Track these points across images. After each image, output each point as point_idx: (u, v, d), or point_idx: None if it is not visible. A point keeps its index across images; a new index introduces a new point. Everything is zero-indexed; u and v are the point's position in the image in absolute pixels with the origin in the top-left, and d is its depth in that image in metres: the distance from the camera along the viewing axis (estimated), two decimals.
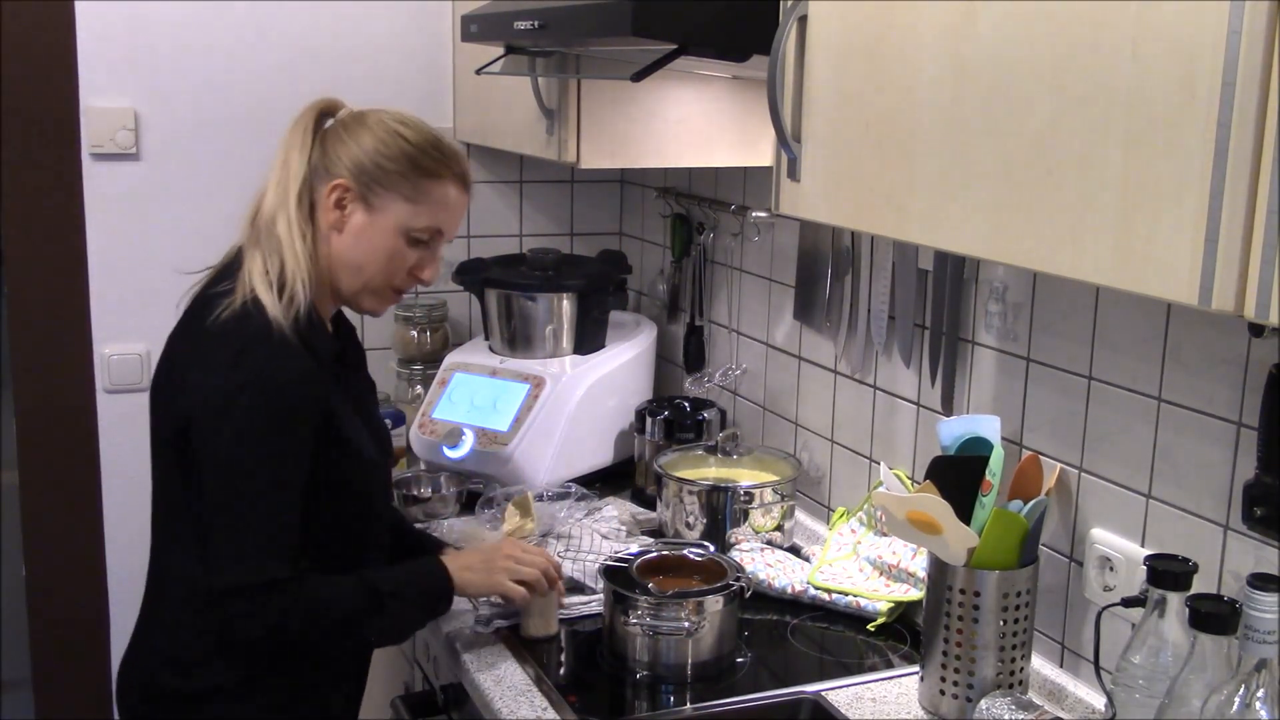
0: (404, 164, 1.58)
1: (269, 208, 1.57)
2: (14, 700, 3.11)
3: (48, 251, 2.42)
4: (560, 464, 2.28)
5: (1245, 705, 1.15)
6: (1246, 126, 0.91)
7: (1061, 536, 1.64)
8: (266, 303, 1.50)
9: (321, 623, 1.54)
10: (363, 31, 2.57)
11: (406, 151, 1.59)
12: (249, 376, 1.47)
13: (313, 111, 1.63)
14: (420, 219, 1.60)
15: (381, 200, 1.58)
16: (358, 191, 1.58)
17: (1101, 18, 1.04)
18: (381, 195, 1.58)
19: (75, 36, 2.37)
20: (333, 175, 1.58)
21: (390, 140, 1.59)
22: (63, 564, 2.50)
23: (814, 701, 1.64)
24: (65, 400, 2.46)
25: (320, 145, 1.60)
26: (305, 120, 1.62)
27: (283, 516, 1.48)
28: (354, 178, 1.58)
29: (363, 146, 1.58)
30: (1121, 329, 1.53)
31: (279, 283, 1.52)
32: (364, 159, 1.58)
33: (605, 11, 1.58)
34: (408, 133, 1.60)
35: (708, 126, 2.15)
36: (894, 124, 1.29)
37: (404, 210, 1.59)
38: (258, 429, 1.46)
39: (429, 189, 1.60)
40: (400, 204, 1.59)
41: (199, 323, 1.53)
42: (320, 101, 1.65)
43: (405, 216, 1.60)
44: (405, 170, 1.58)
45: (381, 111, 1.63)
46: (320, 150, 1.60)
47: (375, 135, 1.59)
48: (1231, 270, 0.94)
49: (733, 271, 2.40)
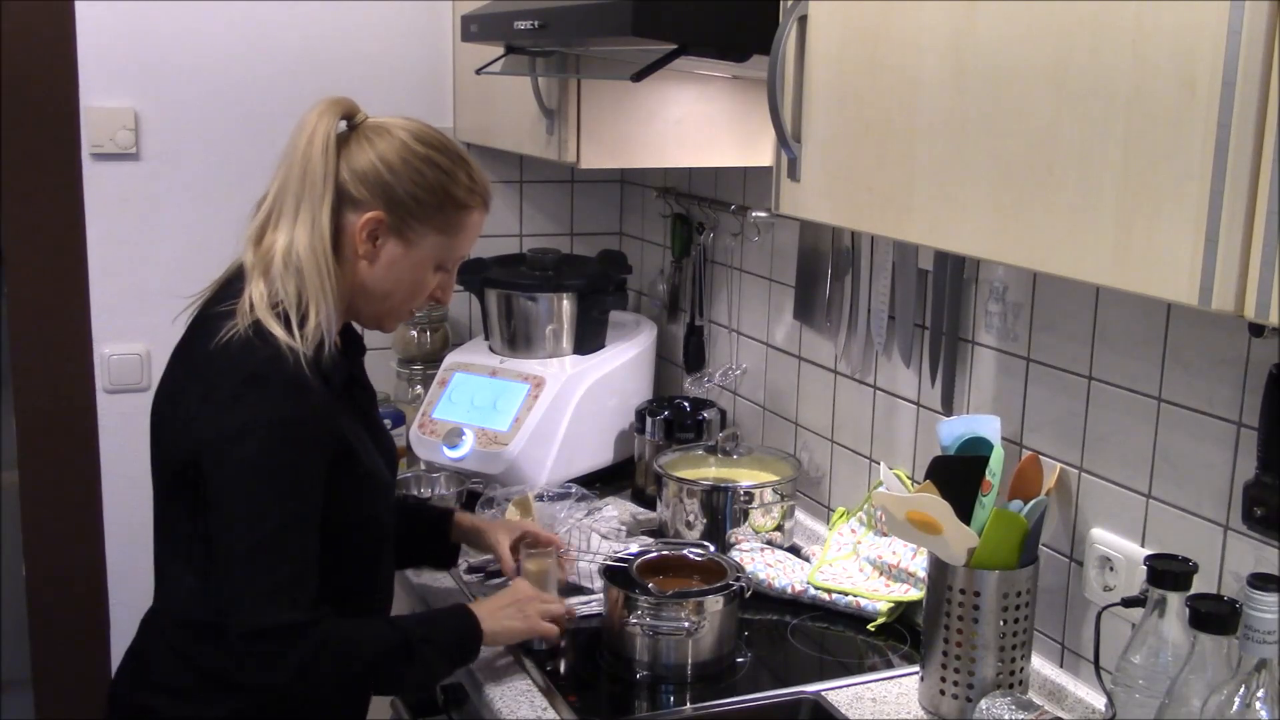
0: (440, 197, 1.52)
1: (289, 232, 1.46)
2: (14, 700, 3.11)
3: (48, 251, 2.42)
4: (560, 464, 2.28)
5: (1245, 705, 1.15)
6: (1246, 126, 0.91)
7: (1061, 536, 1.64)
8: (276, 331, 1.42)
9: (349, 668, 1.48)
10: (363, 31, 2.57)
11: (442, 185, 1.52)
12: (261, 414, 1.39)
13: (330, 118, 1.50)
14: (453, 250, 1.57)
15: (416, 234, 1.52)
16: (391, 225, 1.50)
17: (1101, 18, 1.04)
18: (416, 229, 1.52)
19: (75, 36, 2.37)
20: (361, 204, 1.49)
21: (425, 170, 1.51)
22: (63, 564, 2.50)
23: (814, 701, 1.64)
24: (65, 400, 2.46)
25: (345, 163, 1.50)
26: (325, 130, 1.49)
27: (303, 557, 1.42)
28: (387, 209, 1.50)
29: (394, 171, 1.49)
30: (1121, 329, 1.53)
31: (300, 313, 1.44)
32: (398, 190, 1.49)
33: (605, 11, 1.58)
34: (441, 160, 1.52)
35: (708, 126, 2.15)
36: (894, 124, 1.29)
37: (438, 243, 1.54)
38: (273, 468, 1.40)
39: (461, 221, 1.55)
40: (435, 237, 1.53)
41: (201, 345, 1.46)
42: (337, 102, 1.52)
43: (439, 250, 1.55)
44: (441, 204, 1.52)
45: (401, 127, 1.53)
46: (347, 168, 1.49)
47: (406, 160, 1.50)
48: (1231, 270, 0.94)
49: (733, 271, 2.40)
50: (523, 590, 1.70)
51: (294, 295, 1.45)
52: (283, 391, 1.40)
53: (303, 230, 1.46)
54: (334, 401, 1.47)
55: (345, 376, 1.54)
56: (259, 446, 1.39)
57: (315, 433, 1.43)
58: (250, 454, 1.39)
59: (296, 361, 1.41)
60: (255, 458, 1.39)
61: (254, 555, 1.40)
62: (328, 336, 1.45)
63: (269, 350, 1.41)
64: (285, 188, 1.49)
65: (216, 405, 1.41)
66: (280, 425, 1.40)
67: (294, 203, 1.47)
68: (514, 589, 1.71)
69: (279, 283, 1.45)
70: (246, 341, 1.42)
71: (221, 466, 1.41)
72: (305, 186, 1.47)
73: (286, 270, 1.45)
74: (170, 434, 1.50)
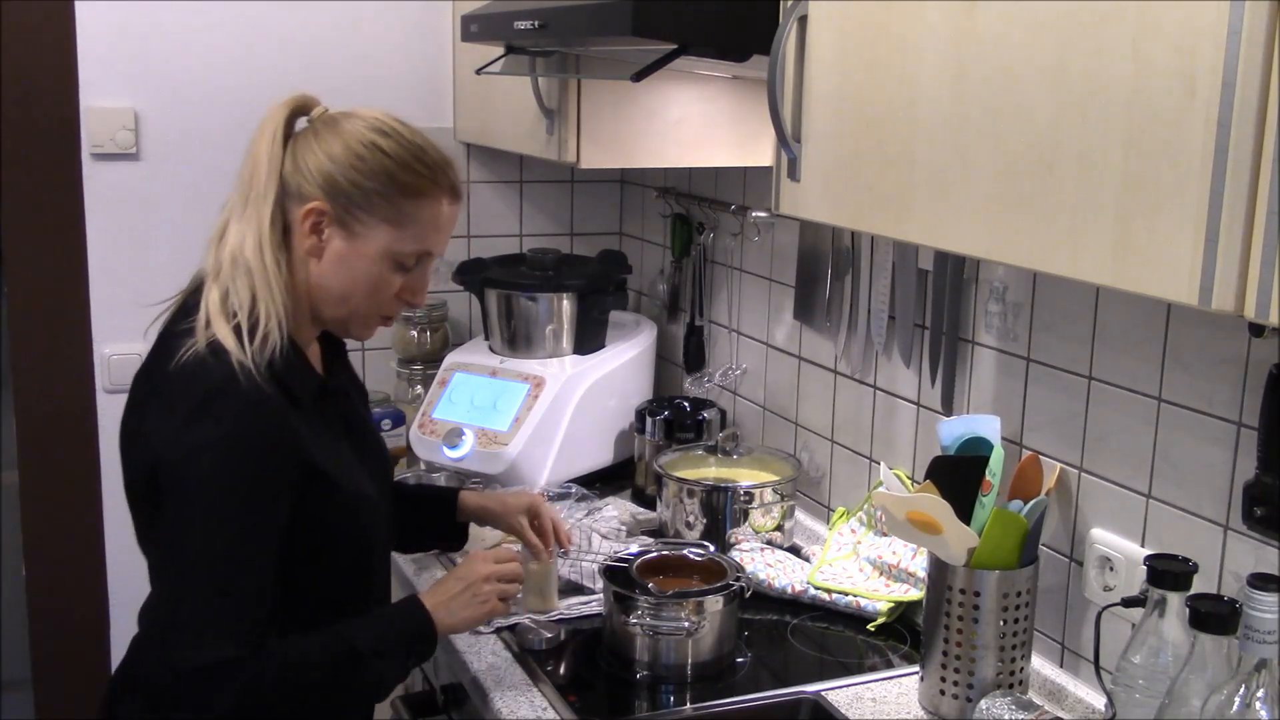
0: (383, 183, 1.40)
1: (237, 231, 1.40)
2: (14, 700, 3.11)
3: (48, 251, 2.42)
4: (560, 464, 2.28)
5: (1245, 705, 1.15)
6: (1246, 126, 0.91)
7: (1061, 536, 1.64)
8: (230, 346, 1.34)
9: (295, 695, 1.37)
10: (363, 31, 2.57)
11: (385, 168, 1.40)
12: (211, 437, 1.31)
13: (281, 112, 1.44)
14: (406, 244, 1.43)
15: (362, 225, 1.41)
16: (334, 215, 1.41)
17: (1101, 18, 1.04)
18: (362, 219, 1.41)
19: (75, 36, 2.37)
20: (305, 196, 1.41)
21: (366, 154, 1.40)
22: (63, 564, 2.49)
23: (814, 701, 1.64)
24: (65, 400, 2.46)
25: (291, 155, 1.42)
26: (273, 123, 1.43)
27: (245, 587, 1.33)
28: (329, 199, 1.40)
29: (335, 161, 1.40)
30: (1121, 329, 1.53)
31: (249, 321, 1.36)
32: (338, 177, 1.40)
33: (605, 11, 1.58)
34: (385, 144, 1.41)
35: (708, 126, 2.15)
36: (894, 124, 1.29)
37: (387, 235, 1.42)
38: (218, 493, 1.32)
39: (414, 210, 1.42)
40: (383, 228, 1.42)
41: (161, 365, 1.38)
42: (291, 100, 1.45)
43: (389, 242, 1.42)
44: (385, 190, 1.40)
45: (358, 115, 1.44)
46: (291, 161, 1.42)
47: (349, 148, 1.40)
48: (1231, 270, 0.94)
49: (733, 271, 2.40)
50: (475, 570, 1.56)
51: (246, 296, 1.38)
52: (235, 413, 1.32)
53: (250, 228, 1.40)
54: (297, 418, 1.38)
55: (315, 387, 1.46)
56: (207, 470, 1.32)
57: (270, 454, 1.35)
58: (198, 478, 1.32)
59: (250, 379, 1.33)
60: (202, 482, 1.32)
61: (188, 588, 1.33)
62: (281, 341, 1.37)
63: (223, 369, 1.33)
64: (236, 190, 1.44)
65: (172, 427, 1.34)
66: (229, 448, 1.32)
67: (242, 202, 1.42)
68: (465, 569, 1.57)
69: (229, 284, 1.39)
70: (202, 361, 1.34)
71: (171, 491, 1.34)
72: (252, 186, 1.41)
73: (235, 270, 1.39)
74: (132, 457, 1.43)
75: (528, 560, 1.81)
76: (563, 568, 1.91)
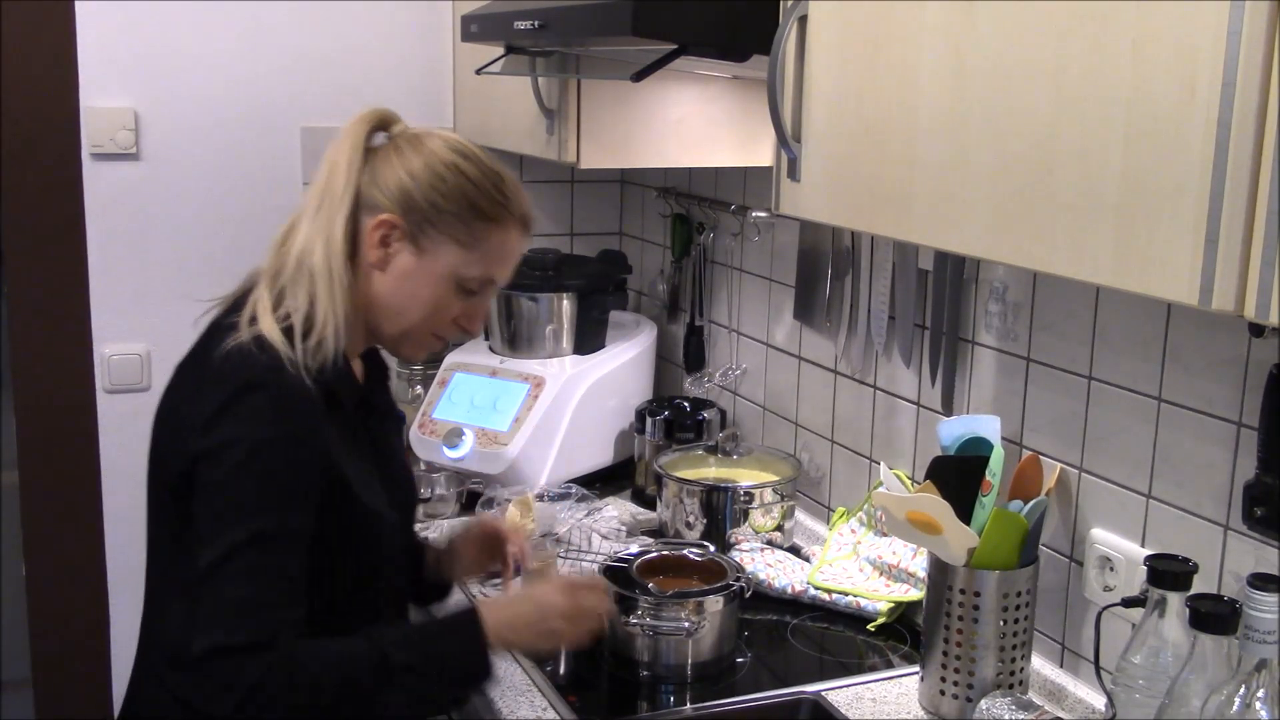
0: (460, 204, 1.41)
1: (306, 236, 1.40)
2: (14, 700, 3.11)
3: (48, 251, 2.42)
4: (560, 464, 2.28)
5: (1245, 705, 1.15)
6: (1246, 126, 0.91)
7: (1061, 536, 1.64)
8: (275, 340, 1.33)
9: (310, 695, 1.28)
10: (363, 31, 2.57)
11: (465, 190, 1.41)
12: (250, 423, 1.30)
13: (363, 125, 1.44)
14: (473, 267, 1.43)
15: (432, 242, 1.41)
16: (406, 230, 1.41)
17: (1101, 18, 1.04)
18: (433, 237, 1.41)
19: (75, 36, 2.37)
20: (379, 207, 1.41)
21: (447, 174, 1.41)
22: (63, 564, 2.49)
23: (814, 701, 1.64)
24: (65, 400, 2.46)
25: (369, 167, 1.42)
26: (354, 135, 1.43)
27: (271, 576, 1.29)
28: (403, 213, 1.40)
29: (415, 177, 1.40)
30: (1121, 329, 1.53)
31: (305, 324, 1.35)
32: (415, 193, 1.40)
33: (605, 11, 1.58)
34: (467, 167, 1.42)
35: (708, 126, 2.15)
36: (894, 124, 1.29)
37: (456, 256, 1.42)
38: (253, 480, 1.30)
39: (486, 234, 1.43)
40: (453, 249, 1.42)
41: (205, 354, 1.37)
42: (372, 113, 1.45)
43: (456, 263, 1.42)
44: (461, 211, 1.41)
45: (438, 135, 1.45)
46: (369, 173, 1.42)
47: (430, 166, 1.41)
48: (1231, 270, 0.94)
49: (733, 271, 2.40)
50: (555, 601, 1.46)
51: (304, 302, 1.37)
52: (275, 403, 1.31)
53: (318, 234, 1.39)
54: (333, 423, 1.37)
55: (357, 398, 1.46)
56: (243, 456, 1.30)
57: (305, 449, 1.33)
58: (233, 464, 1.30)
59: (294, 374, 1.32)
60: (237, 468, 1.29)
61: (216, 570, 1.28)
62: (335, 349, 1.36)
63: (268, 359, 1.32)
64: (310, 195, 1.43)
65: (210, 414, 1.32)
66: (268, 435, 1.30)
67: (314, 208, 1.41)
68: (546, 594, 1.48)
69: (289, 289, 1.38)
70: (246, 351, 1.33)
71: (206, 477, 1.31)
72: (327, 192, 1.41)
73: (299, 274, 1.38)
74: (166, 445, 1.41)
75: None
76: (563, 568, 1.91)
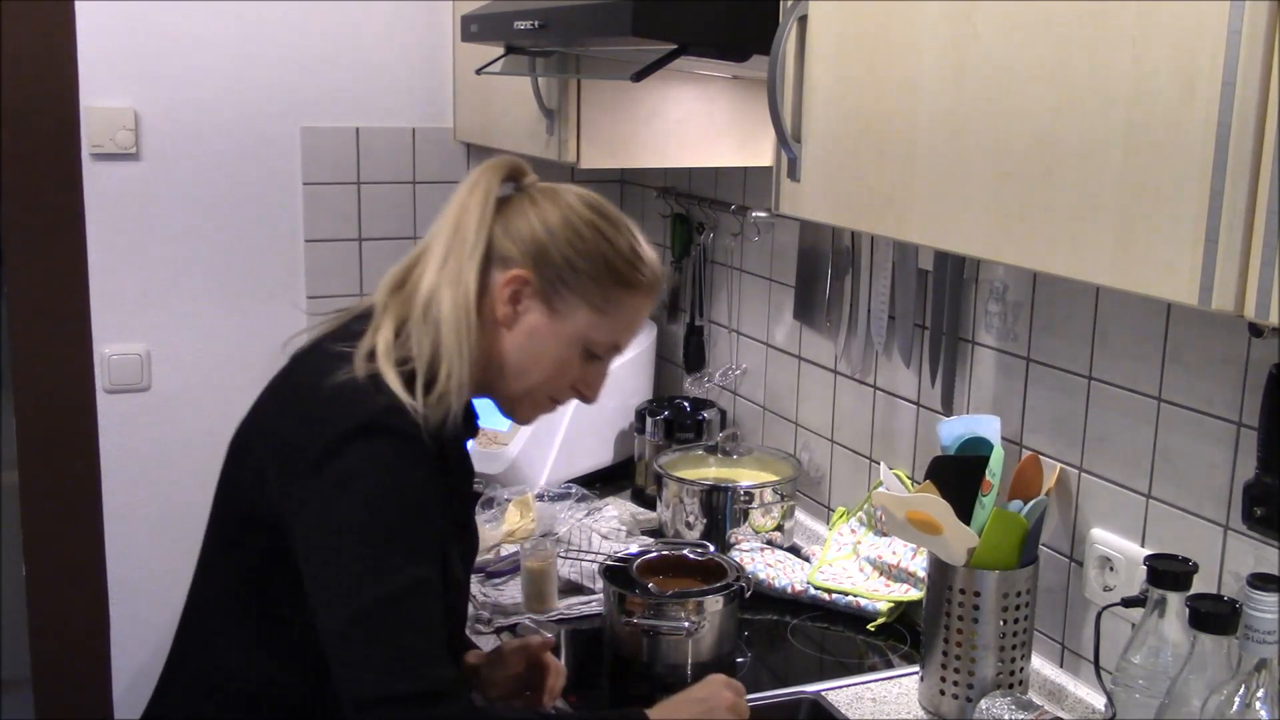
0: (597, 266, 1.35)
1: (432, 283, 1.32)
2: (14, 700, 3.11)
3: (48, 251, 2.41)
4: (560, 464, 2.28)
5: (1245, 705, 1.15)
6: (1246, 126, 0.91)
7: (1061, 536, 1.64)
8: (393, 384, 1.26)
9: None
10: (363, 31, 2.57)
11: (603, 251, 1.36)
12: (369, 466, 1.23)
13: (495, 173, 1.39)
14: (603, 332, 1.38)
15: (564, 303, 1.36)
16: (538, 287, 1.35)
17: (1101, 18, 1.04)
18: (565, 297, 1.35)
19: (75, 36, 2.37)
20: (511, 260, 1.35)
21: (586, 233, 1.36)
22: (63, 564, 2.49)
23: (814, 701, 1.64)
24: (65, 400, 2.46)
25: (502, 217, 1.37)
26: (486, 182, 1.37)
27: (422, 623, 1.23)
28: (536, 271, 1.34)
29: (551, 232, 1.35)
30: (1121, 329, 1.53)
31: (428, 373, 1.28)
32: (551, 248, 1.34)
33: (605, 11, 1.58)
34: (605, 226, 1.37)
35: (708, 126, 2.15)
36: (894, 124, 1.29)
37: (587, 319, 1.36)
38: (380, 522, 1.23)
39: (619, 300, 1.37)
40: (584, 311, 1.36)
41: (308, 381, 1.30)
42: (504, 162, 1.40)
43: (587, 327, 1.37)
44: (597, 274, 1.35)
45: (573, 190, 1.40)
46: (501, 224, 1.36)
47: (568, 222, 1.35)
48: (1231, 270, 0.94)
49: (733, 271, 2.40)
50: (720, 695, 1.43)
51: (427, 352, 1.30)
52: (396, 447, 1.24)
53: (447, 283, 1.32)
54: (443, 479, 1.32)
55: (458, 458, 1.40)
56: (365, 499, 1.23)
57: (426, 496, 1.26)
58: (354, 506, 1.23)
59: (412, 421, 1.25)
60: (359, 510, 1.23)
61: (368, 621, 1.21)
62: (457, 409, 1.29)
63: (386, 400, 1.25)
64: (436, 239, 1.37)
65: (319, 450, 1.24)
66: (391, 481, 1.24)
67: (442, 254, 1.34)
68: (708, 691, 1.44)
69: (413, 336, 1.31)
70: (362, 388, 1.26)
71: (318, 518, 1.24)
72: (456, 239, 1.35)
73: (425, 322, 1.31)
74: (250, 473, 1.34)
75: (526, 559, 1.81)
76: (563, 568, 1.91)
